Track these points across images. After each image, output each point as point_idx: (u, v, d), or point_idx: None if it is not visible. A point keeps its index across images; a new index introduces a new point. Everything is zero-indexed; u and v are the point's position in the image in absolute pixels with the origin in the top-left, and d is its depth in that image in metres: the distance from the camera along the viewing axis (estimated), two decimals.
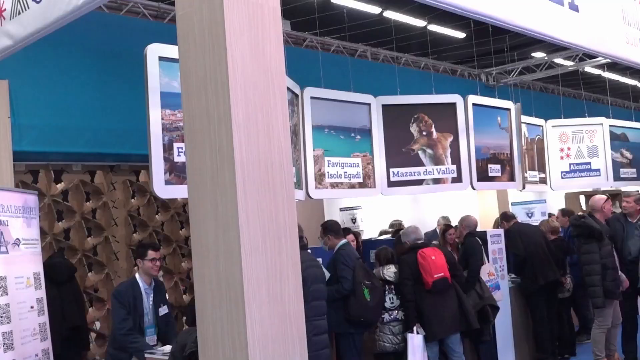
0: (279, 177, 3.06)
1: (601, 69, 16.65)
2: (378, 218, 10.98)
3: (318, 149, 6.99)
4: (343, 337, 5.70)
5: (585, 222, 6.62)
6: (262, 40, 3.09)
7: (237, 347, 2.84)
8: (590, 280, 6.47)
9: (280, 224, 3.04)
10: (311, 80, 7.78)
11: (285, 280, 3.02)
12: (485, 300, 6.33)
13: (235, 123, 2.89)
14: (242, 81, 2.96)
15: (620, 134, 11.83)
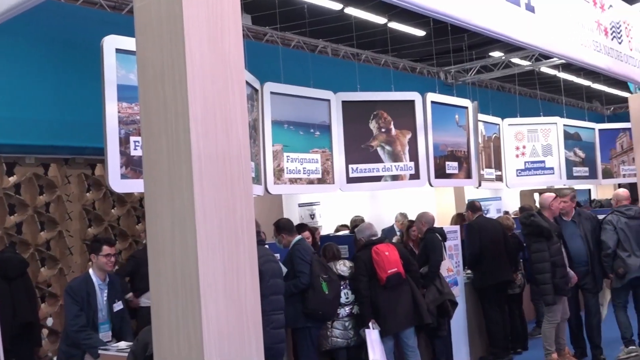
0: (237, 171, 3.04)
1: (556, 69, 16.99)
2: (337, 214, 11.01)
3: (277, 145, 6.98)
4: (300, 331, 5.71)
5: (534, 221, 6.68)
6: (222, 34, 3.07)
7: (192, 343, 2.82)
8: (541, 278, 6.58)
9: (238, 219, 3.02)
10: (271, 75, 7.75)
11: (242, 276, 3.01)
12: (445, 295, 6.41)
13: (192, 117, 2.87)
14: (201, 75, 2.93)
15: (573, 134, 12.09)
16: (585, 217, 7.30)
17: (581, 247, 7.09)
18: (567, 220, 7.25)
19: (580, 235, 7.11)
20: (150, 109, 3.03)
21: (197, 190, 2.85)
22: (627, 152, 12.60)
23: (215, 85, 2.99)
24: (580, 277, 7.00)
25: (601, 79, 18.79)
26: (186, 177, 2.86)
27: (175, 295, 2.89)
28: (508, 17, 6.13)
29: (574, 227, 7.17)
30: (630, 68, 8.78)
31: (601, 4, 8.10)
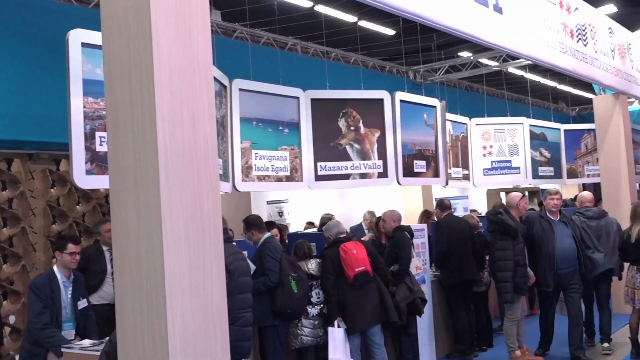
0: (203, 168, 3.03)
1: (524, 70, 17.21)
2: (305, 212, 11.01)
3: (245, 142, 6.95)
4: (267, 330, 5.69)
5: (501, 219, 6.74)
6: (190, 29, 3.05)
7: (157, 340, 2.80)
8: (502, 276, 6.63)
9: (205, 216, 3.01)
10: (240, 72, 7.72)
11: (208, 273, 3.00)
12: (415, 293, 6.44)
13: (159, 113, 2.85)
14: (168, 70, 2.91)
15: (539, 134, 12.25)
16: (570, 218, 7.15)
17: (573, 247, 6.88)
18: (555, 220, 6.99)
19: (571, 234, 6.91)
20: (116, 104, 3.00)
21: (163, 186, 2.83)
22: (591, 153, 12.80)
23: (182, 81, 2.98)
24: (568, 278, 6.83)
25: (567, 80, 19.08)
26: (152, 173, 2.84)
27: (140, 292, 2.87)
28: (476, 18, 6.20)
29: (564, 227, 6.94)
30: (595, 70, 8.95)
31: (567, 6, 8.24)
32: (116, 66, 2.99)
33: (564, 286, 6.89)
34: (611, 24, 9.81)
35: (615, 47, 9.73)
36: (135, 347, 2.87)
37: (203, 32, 3.12)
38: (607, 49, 9.37)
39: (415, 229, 7.25)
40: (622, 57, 9.96)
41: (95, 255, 6.01)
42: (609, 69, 9.37)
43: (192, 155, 2.97)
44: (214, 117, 3.15)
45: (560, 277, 6.81)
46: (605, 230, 7.39)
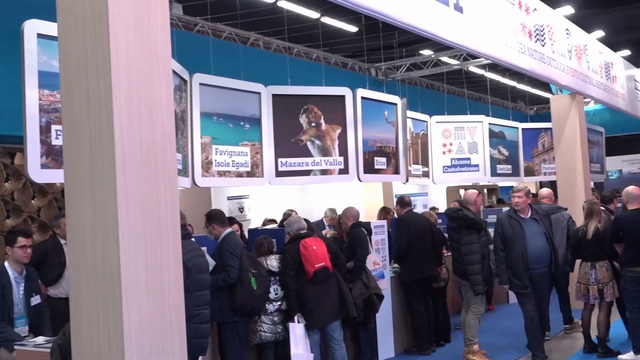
0: (161, 162, 3.00)
1: (483, 69, 17.43)
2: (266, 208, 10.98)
3: (206, 137, 6.90)
4: (226, 326, 5.66)
5: (465, 214, 6.89)
6: (148, 22, 3.01)
7: (112, 337, 2.76)
8: (472, 269, 6.74)
9: (162, 211, 2.98)
10: (201, 66, 7.65)
11: (165, 269, 2.97)
12: (371, 289, 6.48)
13: (116, 106, 2.80)
14: (125, 63, 2.86)
15: (498, 132, 12.45)
16: (544, 214, 6.93)
17: (544, 246, 6.65)
18: (526, 217, 6.73)
19: (543, 233, 6.69)
20: (72, 97, 2.94)
21: (119, 181, 2.79)
22: (548, 151, 13.05)
23: (140, 74, 2.93)
24: (540, 278, 6.66)
25: (525, 80, 19.40)
26: (108, 167, 2.80)
27: (96, 288, 2.82)
28: (437, 16, 6.25)
29: (535, 225, 6.71)
30: (553, 70, 9.11)
31: (526, 7, 8.36)
32: (72, 58, 2.94)
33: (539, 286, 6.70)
34: (568, 25, 9.99)
35: (572, 48, 9.92)
36: (90, 344, 2.82)
37: (162, 25, 3.07)
38: (564, 49, 9.54)
39: (375, 226, 7.30)
40: (579, 58, 10.16)
41: (52, 249, 5.90)
42: (566, 70, 9.54)
43: (150, 149, 2.94)
44: (172, 111, 3.11)
45: (535, 277, 6.64)
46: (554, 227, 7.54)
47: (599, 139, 14.05)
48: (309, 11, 12.48)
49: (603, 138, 14.31)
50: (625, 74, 13.05)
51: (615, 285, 6.71)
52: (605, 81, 11.47)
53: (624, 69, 13.01)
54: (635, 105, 13.65)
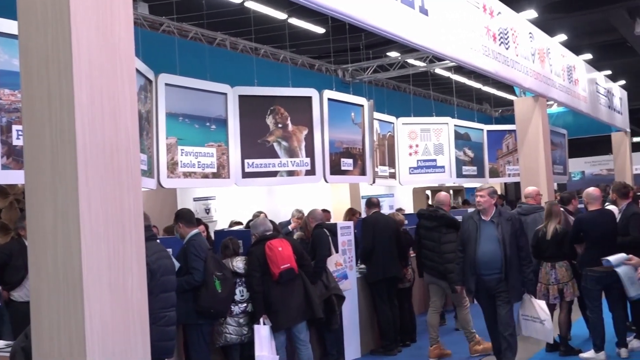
0: (124, 163, 2.96)
1: (449, 71, 17.62)
2: (232, 209, 10.93)
3: (171, 137, 6.84)
4: (191, 328, 5.62)
5: (445, 214, 7.07)
6: (111, 21, 2.97)
7: (74, 341, 2.72)
8: (452, 267, 6.79)
9: (125, 212, 2.94)
10: (166, 66, 7.61)
11: (128, 271, 2.94)
12: (330, 290, 6.49)
13: (78, 106, 2.76)
14: (87, 62, 2.83)
15: (463, 134, 12.59)
16: (506, 218, 6.25)
17: (496, 251, 6.08)
18: (486, 219, 6.17)
19: (497, 237, 6.08)
20: (33, 96, 2.90)
21: (81, 182, 2.75)
22: (512, 153, 13.24)
23: (103, 74, 2.90)
24: (493, 285, 6.11)
25: (490, 82, 19.65)
26: (70, 168, 2.76)
27: (57, 290, 2.78)
28: (402, 19, 6.29)
29: (491, 229, 6.13)
30: (516, 73, 9.25)
31: (490, 10, 8.48)
32: (33, 57, 2.89)
33: (492, 293, 6.17)
34: (532, 28, 10.15)
35: (536, 51, 10.08)
36: (51, 347, 2.78)
37: (125, 24, 3.04)
38: (527, 52, 9.69)
39: (342, 227, 7.31)
40: (542, 61, 10.33)
41: (17, 251, 5.79)
42: (529, 72, 9.69)
43: (113, 150, 2.90)
44: (136, 111, 3.08)
45: (485, 283, 6.17)
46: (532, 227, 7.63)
47: (562, 141, 14.29)
48: (277, 12, 12.48)
49: (566, 140, 14.56)
50: (587, 77, 13.31)
51: (575, 285, 6.82)
52: (567, 84, 11.68)
53: (585, 72, 13.26)
54: (596, 107, 13.92)
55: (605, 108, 14.87)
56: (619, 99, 16.45)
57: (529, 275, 6.15)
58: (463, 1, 7.68)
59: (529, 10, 13.33)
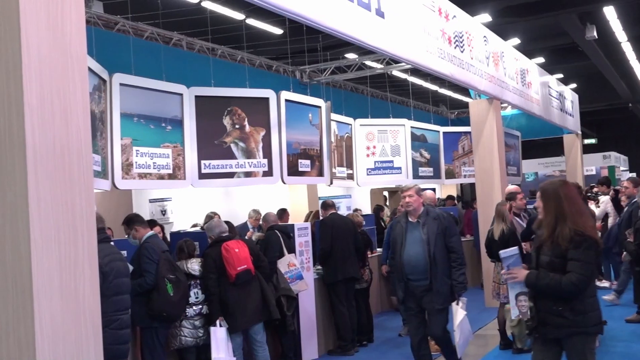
0: (76, 164, 2.91)
1: (406, 73, 17.78)
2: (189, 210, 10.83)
3: (126, 138, 6.75)
4: (147, 331, 5.56)
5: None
6: (62, 19, 2.92)
7: (23, 346, 2.66)
8: None
9: (77, 215, 2.89)
10: (121, 66, 7.51)
11: (80, 274, 2.88)
12: (280, 291, 6.48)
13: (27, 106, 2.71)
14: (37, 62, 2.77)
15: (420, 135, 12.72)
16: (433, 217, 5.76)
17: (419, 255, 5.62)
18: (413, 221, 5.76)
19: (423, 240, 5.64)
20: None
21: (31, 183, 2.69)
22: (467, 154, 13.42)
23: (53, 73, 2.84)
24: (420, 293, 5.69)
25: (446, 85, 19.91)
26: (19, 169, 2.70)
27: (6, 294, 2.71)
28: (359, 21, 6.32)
29: (417, 230, 5.71)
30: (471, 76, 9.38)
31: (446, 13, 8.58)
32: None
33: (421, 302, 5.72)
34: (486, 32, 10.32)
35: (490, 55, 10.24)
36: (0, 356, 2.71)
37: (77, 23, 2.99)
38: (482, 56, 9.84)
39: (299, 228, 7.32)
40: (496, 65, 10.50)
41: None
42: (484, 75, 9.84)
43: (64, 151, 2.85)
44: (88, 111, 3.03)
45: (413, 289, 5.72)
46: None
47: (516, 142, 14.56)
48: (234, 12, 12.42)
49: (519, 142, 14.83)
50: (540, 81, 13.58)
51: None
52: (521, 87, 11.90)
53: (538, 75, 13.53)
54: (549, 110, 14.22)
55: (557, 111, 15.20)
56: (570, 102, 16.83)
57: (459, 278, 5.63)
58: (419, 4, 7.76)
59: (483, 14, 13.55)
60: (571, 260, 3.76)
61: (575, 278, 3.72)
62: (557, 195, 3.94)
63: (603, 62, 19.43)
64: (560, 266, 3.81)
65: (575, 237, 3.77)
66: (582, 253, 3.77)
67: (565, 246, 3.79)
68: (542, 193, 4.04)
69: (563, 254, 3.80)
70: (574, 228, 3.79)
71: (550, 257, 3.87)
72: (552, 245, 3.86)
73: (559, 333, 3.85)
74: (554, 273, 3.81)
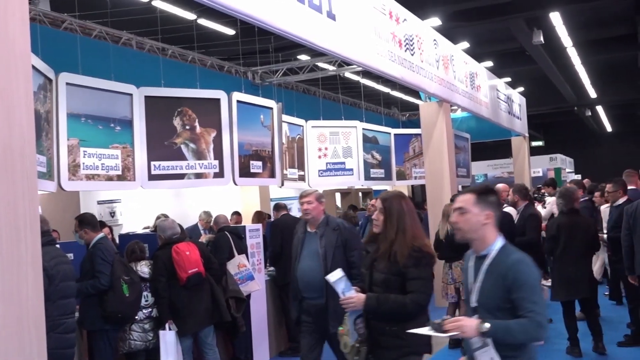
0: (19, 165, 2.85)
1: (358, 75, 17.89)
2: (139, 212, 10.69)
3: (73, 139, 6.61)
4: (97, 334, 5.47)
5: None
6: (5, 16, 2.85)
7: None
8: None
9: (20, 216, 2.83)
10: (68, 65, 7.35)
11: (23, 277, 2.82)
12: (229, 293, 6.46)
13: None
14: None
15: (371, 137, 12.80)
16: (333, 227, 5.06)
17: (314, 270, 4.92)
18: (311, 231, 5.12)
19: (319, 253, 4.96)
20: None
21: None
22: (418, 156, 13.56)
23: None
24: (315, 313, 4.97)
25: (398, 87, 20.10)
26: None
27: None
28: (310, 23, 6.35)
29: (314, 241, 5.06)
30: (421, 78, 9.51)
31: (396, 17, 8.68)
32: None
33: (318, 321, 4.96)
34: (436, 36, 10.47)
35: (440, 58, 10.40)
36: None
37: (21, 20, 2.93)
38: (432, 59, 9.98)
39: (250, 229, 7.30)
40: (446, 68, 10.67)
41: None
42: (434, 78, 9.99)
43: (6, 151, 2.79)
44: (32, 111, 2.97)
45: (310, 308, 5.02)
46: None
47: (465, 144, 14.80)
48: (185, 12, 12.31)
49: (469, 144, 15.08)
50: (489, 84, 13.86)
51: None
52: (470, 90, 12.12)
53: (487, 79, 13.80)
54: (497, 113, 14.51)
55: (506, 113, 15.52)
56: (518, 105, 17.21)
57: None
58: (370, 7, 7.83)
59: (433, 18, 13.74)
60: (413, 279, 3.54)
61: (421, 298, 3.54)
62: (400, 208, 3.68)
63: (549, 66, 19.93)
64: (397, 284, 3.56)
65: (414, 254, 3.55)
66: (422, 271, 3.58)
67: (404, 263, 3.54)
68: (384, 205, 3.71)
69: (401, 271, 3.55)
70: (412, 244, 3.57)
71: (386, 275, 3.60)
72: (389, 262, 3.58)
73: (395, 354, 3.59)
74: (393, 294, 3.54)
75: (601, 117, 32.49)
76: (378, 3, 8.07)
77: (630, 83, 24.71)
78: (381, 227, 3.70)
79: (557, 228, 6.73)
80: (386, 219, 3.67)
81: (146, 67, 11.57)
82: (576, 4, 15.32)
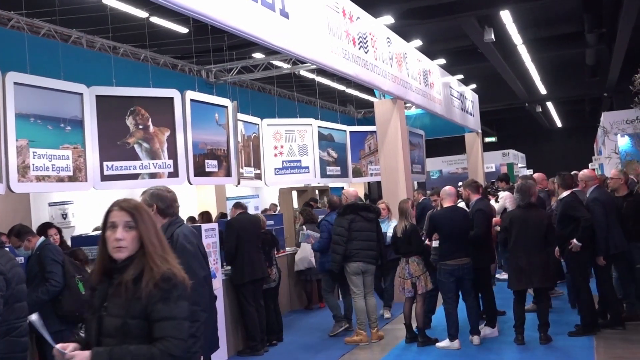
0: None
1: (313, 73, 17.92)
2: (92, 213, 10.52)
3: (22, 140, 6.47)
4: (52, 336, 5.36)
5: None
6: None
7: None
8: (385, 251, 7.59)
9: None
10: (16, 64, 7.20)
11: None
12: None
13: None
14: None
15: (327, 135, 12.84)
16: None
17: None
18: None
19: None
20: None
21: None
22: (374, 153, 13.67)
23: None
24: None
25: (353, 85, 20.21)
26: None
27: None
28: (263, 21, 6.34)
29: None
30: (375, 76, 9.57)
31: (350, 15, 8.72)
32: None
33: None
34: (389, 34, 10.55)
35: (393, 56, 10.48)
36: None
37: None
38: (386, 57, 10.06)
39: (206, 229, 7.25)
40: (399, 65, 10.76)
41: None
42: (388, 76, 10.06)
43: None
44: None
45: None
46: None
47: (420, 141, 14.95)
48: (137, 10, 12.14)
49: (423, 140, 15.24)
50: (442, 81, 14.03)
51: (427, 278, 7.16)
52: (423, 87, 12.25)
53: (440, 76, 13.97)
54: (450, 110, 14.70)
55: (459, 110, 15.74)
56: (470, 102, 17.47)
57: None
58: (323, 5, 7.85)
59: (386, 16, 13.84)
60: (160, 320, 2.48)
61: (174, 346, 2.47)
62: (150, 216, 2.73)
63: (501, 63, 20.28)
64: (139, 332, 2.49)
65: (162, 284, 2.50)
66: (175, 307, 2.51)
67: (146, 299, 2.48)
68: (133, 216, 2.68)
69: (144, 311, 2.49)
70: (162, 269, 2.52)
71: (123, 319, 2.49)
72: (129, 299, 2.49)
73: None
74: (134, 345, 2.46)
75: (551, 113, 33.23)
76: (331, 1, 8.10)
77: (579, 80, 25.33)
78: (129, 248, 2.59)
79: (509, 221, 6.90)
80: (142, 230, 2.63)
81: (97, 66, 11.39)
82: (526, 3, 15.64)
